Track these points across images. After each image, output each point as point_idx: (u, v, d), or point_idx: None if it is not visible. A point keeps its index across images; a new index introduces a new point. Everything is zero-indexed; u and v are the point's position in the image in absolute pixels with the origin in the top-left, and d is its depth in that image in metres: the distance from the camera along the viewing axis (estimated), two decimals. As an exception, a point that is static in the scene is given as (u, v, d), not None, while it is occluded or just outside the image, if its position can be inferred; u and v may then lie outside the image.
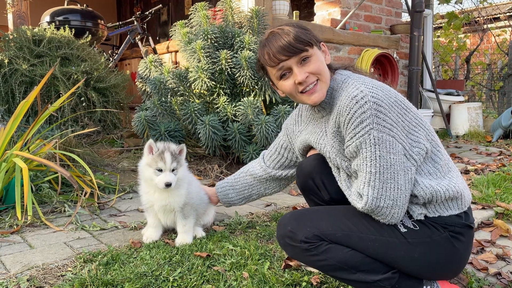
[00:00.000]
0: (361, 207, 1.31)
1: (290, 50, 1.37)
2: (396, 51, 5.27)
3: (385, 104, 1.27)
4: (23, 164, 2.14)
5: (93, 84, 3.92)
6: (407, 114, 1.33)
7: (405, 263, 1.33)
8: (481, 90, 8.42)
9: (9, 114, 3.65)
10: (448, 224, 1.34)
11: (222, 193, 1.96)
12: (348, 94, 1.31)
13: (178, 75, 3.37)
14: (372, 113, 1.25)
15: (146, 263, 1.66)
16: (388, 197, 1.27)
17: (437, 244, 1.32)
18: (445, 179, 1.35)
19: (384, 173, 1.27)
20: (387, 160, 1.26)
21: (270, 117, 3.08)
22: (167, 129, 3.30)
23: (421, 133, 1.35)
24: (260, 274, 1.60)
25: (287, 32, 1.39)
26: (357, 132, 1.28)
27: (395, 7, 5.45)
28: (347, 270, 1.33)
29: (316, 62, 1.39)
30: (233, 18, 3.55)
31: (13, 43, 3.87)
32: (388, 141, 1.26)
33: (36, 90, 2.48)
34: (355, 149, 1.30)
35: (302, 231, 1.36)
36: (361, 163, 1.30)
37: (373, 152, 1.26)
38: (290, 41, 1.37)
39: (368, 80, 1.35)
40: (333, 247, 1.34)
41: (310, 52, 1.39)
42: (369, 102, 1.26)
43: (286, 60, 1.38)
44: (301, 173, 1.62)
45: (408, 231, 1.33)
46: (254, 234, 2.04)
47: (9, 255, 1.80)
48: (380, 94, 1.28)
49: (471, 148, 4.68)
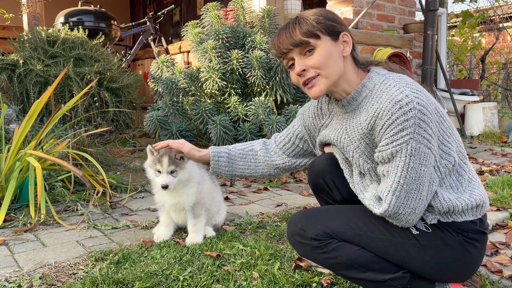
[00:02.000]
0: (379, 213, 1.29)
1: (290, 42, 1.32)
2: (409, 50, 5.22)
3: (429, 112, 1.20)
4: (36, 163, 2.17)
5: (106, 84, 3.96)
6: (443, 123, 1.28)
7: (417, 265, 1.31)
8: (497, 90, 8.28)
9: (24, 113, 3.70)
10: (462, 230, 1.31)
11: (217, 163, 1.71)
12: (391, 96, 1.22)
13: (189, 75, 3.38)
14: (415, 122, 1.18)
15: (156, 262, 1.67)
16: (408, 206, 1.25)
17: (449, 247, 1.30)
18: (465, 193, 1.31)
19: (411, 184, 1.22)
20: (417, 172, 1.22)
21: (281, 117, 3.07)
22: (179, 129, 3.31)
23: (453, 145, 1.29)
24: (270, 274, 1.59)
25: (297, 21, 1.34)
26: (396, 139, 1.21)
27: (408, 6, 5.39)
28: (357, 268, 1.31)
29: (319, 56, 1.31)
30: (245, 18, 3.55)
31: (28, 44, 3.93)
32: (424, 152, 1.21)
33: (49, 90, 2.51)
34: (389, 156, 1.24)
35: (312, 229, 1.35)
36: (391, 170, 1.24)
37: (406, 163, 1.21)
38: (292, 31, 1.32)
39: (410, 81, 1.26)
40: (343, 245, 1.32)
41: (314, 44, 1.31)
42: (414, 109, 1.18)
43: (288, 52, 1.34)
44: (312, 172, 1.61)
45: (420, 233, 1.31)
46: (264, 234, 2.03)
47: (22, 253, 1.83)
48: (424, 100, 1.20)
49: (486, 149, 4.60)
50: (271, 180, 3.20)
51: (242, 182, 3.17)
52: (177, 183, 1.84)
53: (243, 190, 2.95)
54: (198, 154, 1.73)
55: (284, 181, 3.16)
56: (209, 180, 2.04)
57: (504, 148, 4.64)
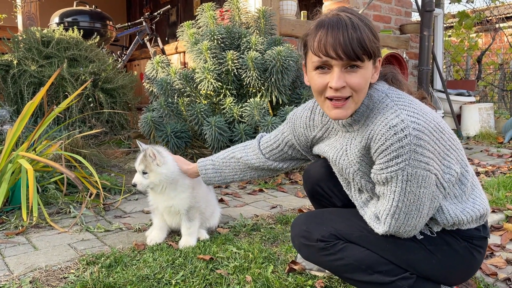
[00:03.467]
0: (380, 233, 1.27)
1: (346, 51, 1.14)
2: (405, 51, 5.21)
3: (426, 135, 1.13)
4: (28, 165, 2.14)
5: (101, 85, 3.93)
6: (443, 137, 1.21)
7: (423, 267, 1.30)
8: (493, 91, 8.29)
9: (18, 115, 3.67)
10: (467, 237, 1.30)
11: (206, 175, 1.73)
12: (386, 121, 1.16)
13: (184, 76, 3.36)
14: (411, 148, 1.11)
15: (148, 266, 1.65)
16: (409, 225, 1.23)
17: (455, 251, 1.29)
18: (469, 202, 1.29)
19: (410, 206, 1.19)
20: (415, 194, 1.17)
21: (276, 118, 3.06)
22: (174, 130, 3.29)
23: (453, 156, 1.24)
24: (264, 278, 1.58)
25: (356, 26, 1.15)
26: (390, 165, 1.16)
27: (404, 6, 5.39)
28: (364, 270, 1.29)
29: (361, 78, 1.18)
30: (240, 18, 3.54)
31: (22, 44, 3.90)
32: (422, 175, 1.15)
33: (42, 91, 2.48)
34: (384, 180, 1.19)
35: (318, 230, 1.33)
36: (388, 194, 1.21)
37: (403, 188, 1.17)
38: (351, 41, 1.13)
39: (407, 102, 1.19)
40: (349, 246, 1.30)
41: (363, 64, 1.17)
42: (410, 135, 1.11)
43: (335, 59, 1.16)
44: (308, 179, 1.58)
45: (424, 238, 1.29)
46: (258, 237, 2.02)
47: (13, 256, 1.81)
48: (421, 123, 1.13)
49: (482, 150, 4.60)
50: (266, 181, 3.19)
51: (237, 184, 3.16)
52: (152, 185, 1.83)
53: (238, 192, 2.94)
54: (186, 167, 1.83)
55: (280, 183, 3.15)
56: (204, 184, 2.02)
57: (500, 149, 4.64)
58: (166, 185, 1.85)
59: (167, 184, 1.85)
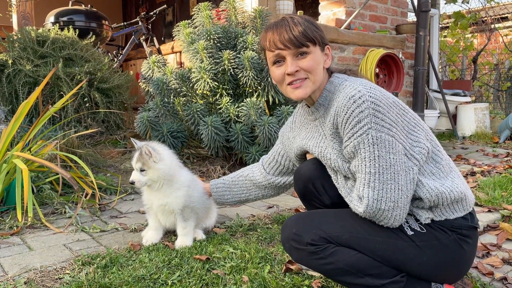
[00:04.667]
0: (362, 211, 1.28)
1: (291, 42, 1.36)
2: (401, 51, 5.22)
3: (383, 104, 1.26)
4: (23, 165, 2.13)
5: (96, 85, 3.91)
6: (406, 115, 1.32)
7: (414, 266, 1.31)
8: (489, 91, 8.32)
9: (13, 114, 3.64)
10: (455, 227, 1.31)
11: (217, 193, 1.94)
12: (346, 94, 1.30)
13: (180, 76, 3.35)
14: (370, 112, 1.24)
15: (144, 266, 1.64)
16: (389, 198, 1.24)
17: (445, 246, 1.30)
18: (447, 179, 1.33)
19: (384, 173, 1.23)
20: (387, 160, 1.23)
21: (273, 118, 3.06)
22: (170, 130, 3.28)
23: (421, 133, 1.33)
24: (260, 278, 1.57)
25: (296, 22, 1.38)
26: (355, 132, 1.26)
27: (400, 6, 5.39)
28: (354, 274, 1.29)
29: (311, 61, 1.39)
30: (236, 18, 3.53)
31: (17, 44, 3.87)
32: (387, 140, 1.24)
33: (37, 91, 2.47)
34: (353, 149, 1.28)
35: (308, 234, 1.33)
36: (360, 164, 1.27)
37: (371, 152, 1.24)
38: (295, 34, 1.36)
39: (365, 82, 1.35)
40: (340, 250, 1.31)
41: (310, 50, 1.39)
42: (367, 101, 1.25)
43: (284, 49, 1.38)
44: (299, 178, 1.58)
45: (415, 234, 1.30)
46: (255, 236, 2.01)
47: (8, 257, 1.79)
48: (378, 94, 1.27)
49: (477, 149, 4.62)
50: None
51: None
52: (150, 182, 1.83)
53: (234, 191, 2.93)
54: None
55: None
56: (200, 184, 2.02)
57: (496, 148, 4.66)
58: (163, 181, 1.84)
59: (165, 181, 1.84)
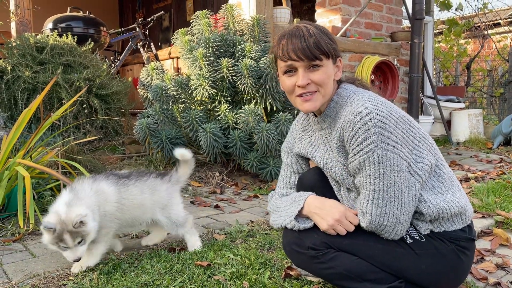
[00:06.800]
0: (365, 226, 1.32)
1: (305, 54, 1.33)
2: (396, 58, 5.29)
3: (390, 121, 1.27)
4: (25, 172, 2.15)
5: (95, 91, 3.94)
6: (411, 129, 1.33)
7: (412, 273, 1.34)
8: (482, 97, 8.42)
9: (12, 121, 3.67)
10: (454, 239, 1.35)
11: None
12: (353, 109, 1.30)
13: (179, 83, 3.39)
14: (376, 130, 1.24)
15: (147, 272, 1.67)
16: (392, 215, 1.28)
17: (443, 256, 1.34)
18: (449, 194, 1.36)
19: (388, 191, 1.26)
20: (391, 178, 1.26)
21: (271, 125, 3.10)
22: (169, 136, 3.32)
23: (425, 148, 1.35)
24: (260, 283, 1.60)
25: (311, 34, 1.35)
26: (361, 149, 1.27)
27: (395, 14, 5.47)
28: (353, 279, 1.33)
29: (323, 74, 1.37)
30: (235, 26, 3.58)
31: (16, 50, 3.89)
32: (393, 158, 1.26)
33: (39, 98, 2.50)
34: (358, 166, 1.30)
35: (309, 238, 1.37)
36: (364, 180, 1.30)
37: (376, 170, 1.26)
38: (309, 45, 1.33)
39: (372, 96, 1.35)
40: (340, 255, 1.35)
41: (323, 63, 1.36)
42: (374, 119, 1.25)
43: (297, 61, 1.35)
44: (302, 187, 1.59)
45: (414, 242, 1.34)
46: (254, 242, 2.05)
47: (11, 263, 1.81)
48: (385, 111, 1.28)
49: (471, 155, 4.68)
50: (261, 187, 3.22)
51: (232, 190, 3.19)
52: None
53: (233, 197, 2.96)
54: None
55: (273, 189, 3.17)
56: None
57: (489, 154, 4.73)
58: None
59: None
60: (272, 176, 3.23)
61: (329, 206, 1.39)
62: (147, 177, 1.88)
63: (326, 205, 1.39)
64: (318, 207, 1.40)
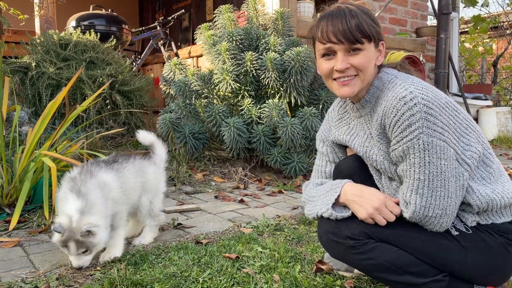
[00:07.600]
0: (408, 217, 1.24)
1: (345, 36, 1.25)
2: (422, 54, 5.17)
3: (436, 106, 1.18)
4: (51, 163, 2.14)
5: (117, 87, 3.95)
6: (458, 116, 1.24)
7: (457, 266, 1.26)
8: (508, 95, 8.19)
9: (36, 116, 3.69)
10: (503, 231, 1.26)
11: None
12: (396, 94, 1.22)
13: (202, 78, 3.36)
14: (422, 116, 1.16)
15: (175, 264, 1.63)
16: (438, 206, 1.20)
17: (490, 249, 1.25)
18: (498, 184, 1.27)
19: (434, 180, 1.18)
20: (437, 167, 1.18)
21: (295, 119, 3.04)
22: (192, 131, 3.29)
23: (473, 135, 1.26)
24: (291, 277, 1.54)
25: (354, 14, 1.26)
26: (405, 136, 1.19)
27: (420, 9, 5.35)
28: (394, 271, 1.25)
29: (364, 58, 1.28)
30: (258, 20, 3.53)
31: (40, 47, 3.93)
32: (439, 145, 1.17)
33: (64, 91, 2.49)
34: (402, 153, 1.22)
35: (348, 227, 1.29)
36: (408, 169, 1.22)
37: (422, 158, 1.18)
38: (350, 26, 1.24)
39: (416, 80, 1.26)
40: (380, 245, 1.27)
41: (364, 46, 1.27)
42: (419, 104, 1.17)
43: (337, 44, 1.27)
44: (339, 174, 1.48)
45: (460, 234, 1.26)
46: (282, 236, 1.99)
47: (37, 254, 1.80)
48: (430, 96, 1.19)
49: (501, 154, 4.53)
50: (285, 183, 3.16)
51: (256, 185, 3.13)
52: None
53: (257, 193, 2.91)
54: None
55: (298, 185, 3.11)
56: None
57: (520, 152, 4.57)
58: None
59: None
60: (296, 172, 3.16)
61: (368, 194, 1.31)
62: (133, 159, 1.90)
63: (365, 192, 1.31)
64: (356, 194, 1.32)
